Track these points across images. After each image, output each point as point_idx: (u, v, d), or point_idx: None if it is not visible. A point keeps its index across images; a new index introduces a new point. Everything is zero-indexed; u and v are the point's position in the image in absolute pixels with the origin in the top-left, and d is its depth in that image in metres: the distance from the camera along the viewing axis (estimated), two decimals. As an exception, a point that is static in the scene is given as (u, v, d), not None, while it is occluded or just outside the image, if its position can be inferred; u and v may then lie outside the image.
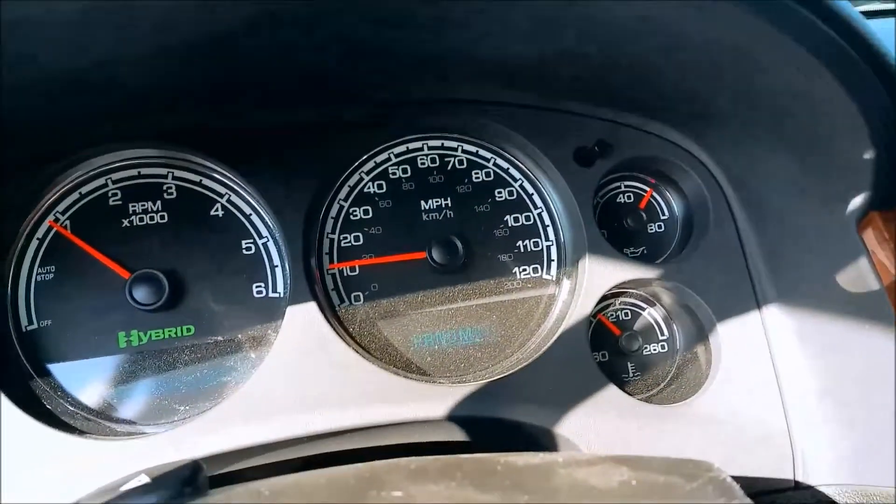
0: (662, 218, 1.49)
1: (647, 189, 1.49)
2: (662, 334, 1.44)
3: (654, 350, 1.43)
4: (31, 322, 1.24)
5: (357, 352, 1.23)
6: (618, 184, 1.48)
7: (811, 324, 1.25)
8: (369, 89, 1.32)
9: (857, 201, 1.10)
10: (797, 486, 1.22)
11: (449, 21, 1.05)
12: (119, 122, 1.24)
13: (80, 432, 1.16)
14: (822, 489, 1.21)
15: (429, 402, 1.19)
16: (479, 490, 0.70)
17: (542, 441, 1.24)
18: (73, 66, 0.98)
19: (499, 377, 1.23)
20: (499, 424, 1.20)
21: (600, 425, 1.22)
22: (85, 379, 1.23)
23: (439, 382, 1.25)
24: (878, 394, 1.14)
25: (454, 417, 1.19)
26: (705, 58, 1.09)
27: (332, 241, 1.35)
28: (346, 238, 1.36)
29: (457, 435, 1.23)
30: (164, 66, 1.06)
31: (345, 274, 1.35)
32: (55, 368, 1.23)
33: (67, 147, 1.24)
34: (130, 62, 1.02)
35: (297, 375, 1.18)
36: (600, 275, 1.33)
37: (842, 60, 0.91)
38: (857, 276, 1.11)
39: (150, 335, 1.25)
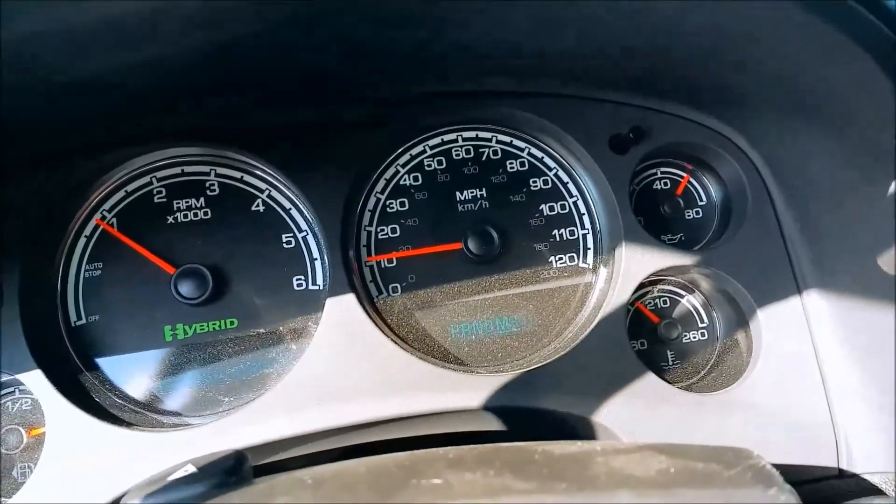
0: (700, 204, 1.47)
1: (684, 175, 1.47)
2: (702, 322, 1.43)
3: (694, 338, 1.42)
4: (79, 317, 1.28)
5: (396, 342, 1.24)
6: (654, 170, 1.47)
7: (853, 309, 1.23)
8: (394, 83, 1.33)
9: (898, 184, 1.07)
10: (841, 473, 1.21)
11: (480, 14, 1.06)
12: (122, 122, 1.26)
13: (128, 424, 1.19)
14: (866, 477, 1.19)
15: (467, 392, 1.20)
16: (518, 478, 0.71)
17: (580, 430, 1.24)
18: (80, 71, 1.00)
19: (536, 367, 1.24)
20: (537, 414, 1.21)
21: (639, 414, 1.22)
22: (132, 372, 1.27)
23: (477, 372, 1.26)
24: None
25: (491, 407, 1.20)
26: (733, 48, 1.08)
27: (369, 233, 1.37)
28: (383, 230, 1.37)
29: (495, 424, 1.24)
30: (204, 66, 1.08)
31: (382, 266, 1.36)
32: (103, 362, 1.27)
33: (68, 146, 1.27)
34: (134, 66, 1.04)
35: (338, 366, 1.20)
36: (637, 262, 1.32)
37: (880, 45, 0.89)
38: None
39: (195, 328, 1.28)
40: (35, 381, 1.17)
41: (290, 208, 1.35)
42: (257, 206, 1.34)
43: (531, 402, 1.20)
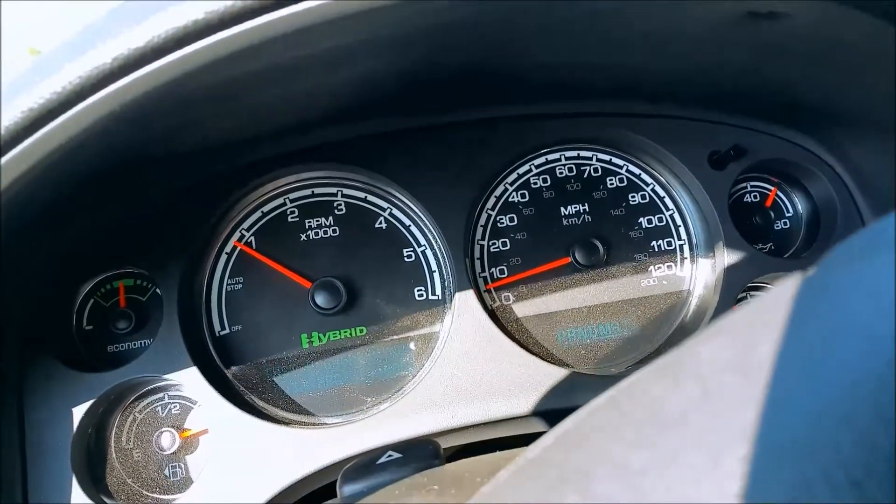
0: (787, 215, 1.57)
1: (772, 188, 1.57)
2: (793, 325, 1.52)
3: (785, 340, 1.51)
4: (223, 327, 1.39)
5: (519, 346, 1.35)
6: (744, 184, 1.57)
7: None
8: (521, 100, 1.44)
9: None
10: None
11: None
12: (263, 145, 1.38)
13: (286, 422, 1.30)
14: None
15: (586, 391, 1.31)
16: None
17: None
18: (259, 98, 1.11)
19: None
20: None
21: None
22: (275, 377, 1.38)
23: (588, 373, 1.37)
24: None
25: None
26: (836, 65, 1.18)
27: (482, 247, 1.48)
28: (494, 244, 1.48)
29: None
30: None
31: (495, 276, 1.47)
32: (246, 369, 1.38)
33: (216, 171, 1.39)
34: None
35: (469, 369, 1.31)
36: (739, 270, 1.42)
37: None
38: None
39: (329, 336, 1.40)
40: (195, 385, 1.28)
41: (410, 225, 1.46)
42: (380, 223, 1.46)
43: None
